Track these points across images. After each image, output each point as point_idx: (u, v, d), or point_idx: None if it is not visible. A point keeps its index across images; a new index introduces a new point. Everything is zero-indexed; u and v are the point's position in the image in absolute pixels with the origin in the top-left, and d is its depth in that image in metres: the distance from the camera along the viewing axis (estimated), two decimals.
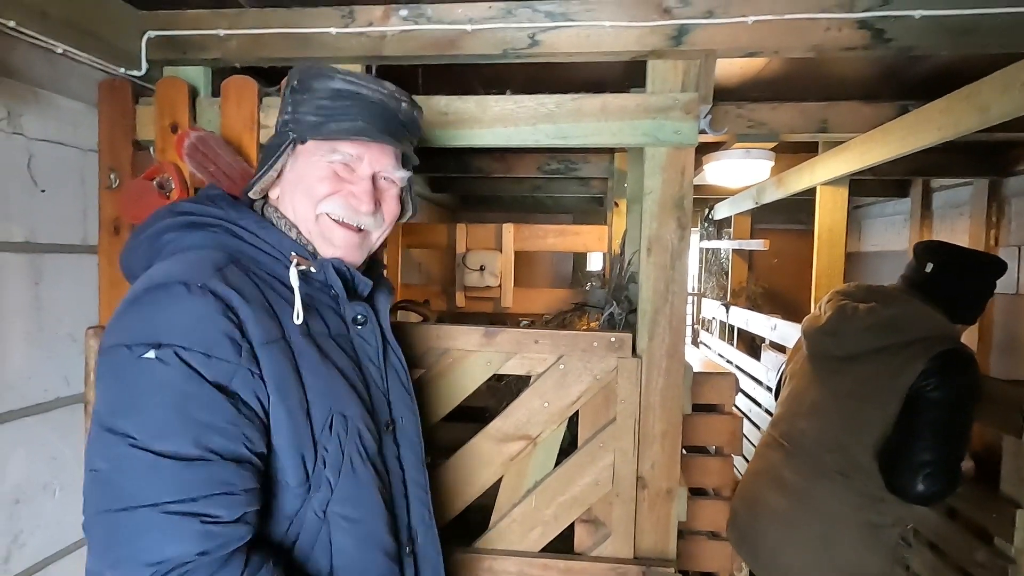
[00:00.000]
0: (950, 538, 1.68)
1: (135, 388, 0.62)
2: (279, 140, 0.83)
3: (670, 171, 1.22)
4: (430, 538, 0.90)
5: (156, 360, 0.62)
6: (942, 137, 1.57)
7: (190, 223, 0.76)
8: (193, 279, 0.66)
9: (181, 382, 0.62)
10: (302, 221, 0.82)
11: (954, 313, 1.39)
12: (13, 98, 1.08)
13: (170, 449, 0.60)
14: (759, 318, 3.35)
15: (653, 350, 1.24)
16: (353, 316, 0.82)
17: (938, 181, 3.28)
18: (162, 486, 0.59)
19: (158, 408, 0.61)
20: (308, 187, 0.81)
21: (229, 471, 0.63)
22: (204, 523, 0.60)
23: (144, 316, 0.66)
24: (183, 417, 0.61)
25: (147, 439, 0.60)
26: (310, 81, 0.81)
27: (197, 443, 0.61)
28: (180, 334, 0.64)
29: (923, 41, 1.15)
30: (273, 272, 0.77)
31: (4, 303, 1.07)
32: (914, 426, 1.27)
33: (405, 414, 0.88)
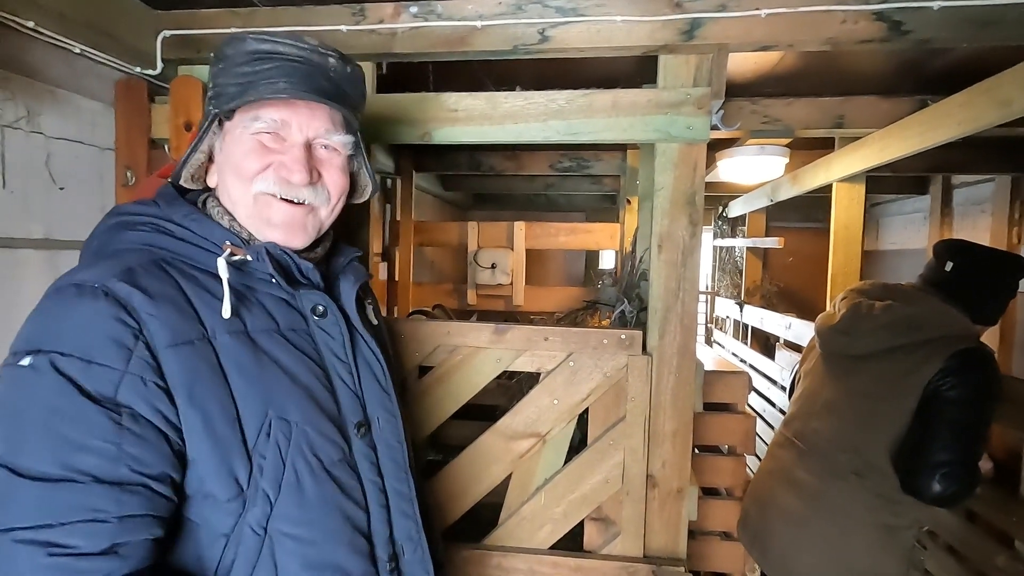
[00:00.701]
0: (969, 542, 1.65)
1: (5, 397, 0.57)
2: (204, 118, 0.76)
3: (682, 167, 1.21)
4: (418, 555, 0.79)
5: (29, 368, 0.57)
6: (962, 132, 1.53)
7: (121, 224, 0.71)
8: (89, 280, 0.61)
9: (51, 394, 0.56)
10: (239, 205, 0.74)
11: (975, 313, 1.36)
12: (32, 97, 1.10)
13: (29, 467, 0.53)
14: (773, 317, 3.31)
15: (664, 348, 1.23)
16: (311, 307, 0.74)
17: (959, 177, 3.21)
18: (14, 509, 0.52)
19: (23, 422, 0.55)
20: (236, 165, 0.73)
21: (101, 495, 0.54)
22: (53, 555, 0.51)
23: (34, 321, 0.61)
24: (50, 433, 0.55)
25: (8, 454, 0.54)
26: (225, 49, 0.74)
27: (62, 463, 0.54)
28: (60, 339, 0.58)
29: (942, 33, 1.12)
30: (206, 267, 0.69)
31: (24, 298, 1.10)
32: (931, 426, 1.25)
33: (382, 414, 0.78)
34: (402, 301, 2.92)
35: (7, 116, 1.06)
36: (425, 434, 1.32)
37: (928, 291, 1.41)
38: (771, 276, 4.63)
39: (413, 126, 1.26)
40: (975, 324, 1.35)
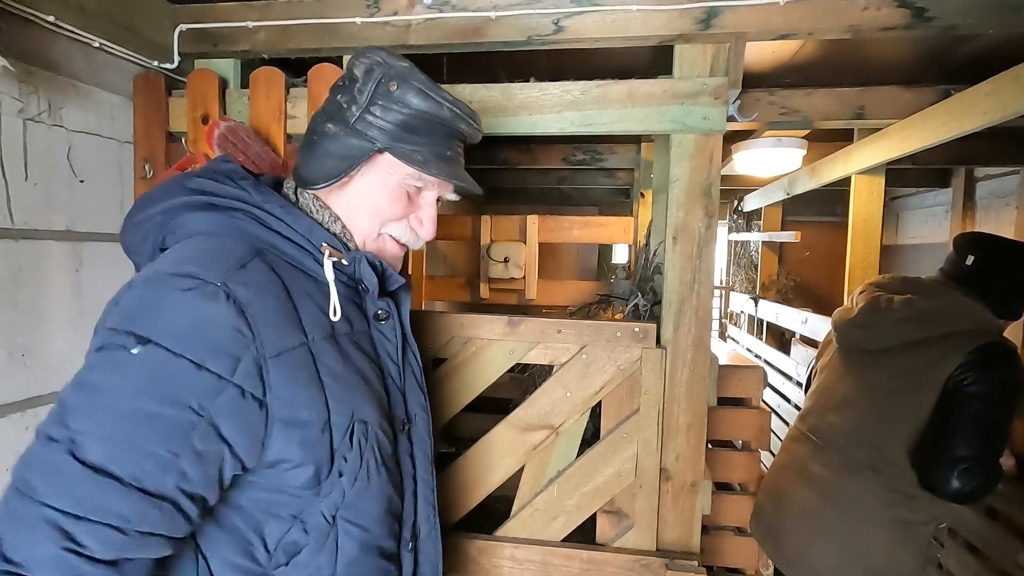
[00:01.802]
0: (990, 539, 1.63)
1: (101, 377, 0.57)
2: (358, 142, 0.75)
3: (698, 158, 1.20)
4: (432, 536, 0.88)
5: (135, 357, 0.57)
6: (988, 122, 1.49)
7: (208, 203, 0.70)
8: (211, 275, 0.61)
9: (142, 393, 0.56)
10: (359, 233, 0.79)
11: (998, 307, 1.33)
12: (53, 91, 1.12)
13: (85, 454, 0.54)
14: (789, 312, 3.27)
15: (678, 341, 1.22)
16: (375, 312, 0.79)
17: (982, 170, 3.13)
18: (57, 484, 0.53)
19: (103, 408, 0.56)
20: (379, 207, 0.78)
21: (132, 504, 0.55)
22: (64, 548, 0.52)
23: (145, 303, 0.60)
24: (123, 429, 0.55)
25: (76, 432, 0.55)
26: (411, 95, 0.75)
27: (116, 460, 0.55)
28: (174, 335, 0.58)
29: (968, 19, 1.09)
30: (301, 265, 0.71)
31: (47, 289, 1.12)
32: (951, 421, 1.22)
33: (419, 412, 0.86)
34: (415, 294, 2.93)
35: (30, 110, 1.07)
36: (438, 426, 1.32)
37: (949, 285, 1.38)
38: (787, 271, 4.57)
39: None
40: (998, 319, 1.33)
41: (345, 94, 0.76)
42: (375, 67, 0.75)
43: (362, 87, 0.75)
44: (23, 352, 1.08)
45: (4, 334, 1.04)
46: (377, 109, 0.75)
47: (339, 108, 0.76)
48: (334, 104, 0.78)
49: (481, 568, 1.28)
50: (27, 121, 1.07)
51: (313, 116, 0.81)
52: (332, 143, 0.75)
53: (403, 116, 0.75)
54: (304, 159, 0.78)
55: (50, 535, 0.52)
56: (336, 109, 0.77)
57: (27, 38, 1.06)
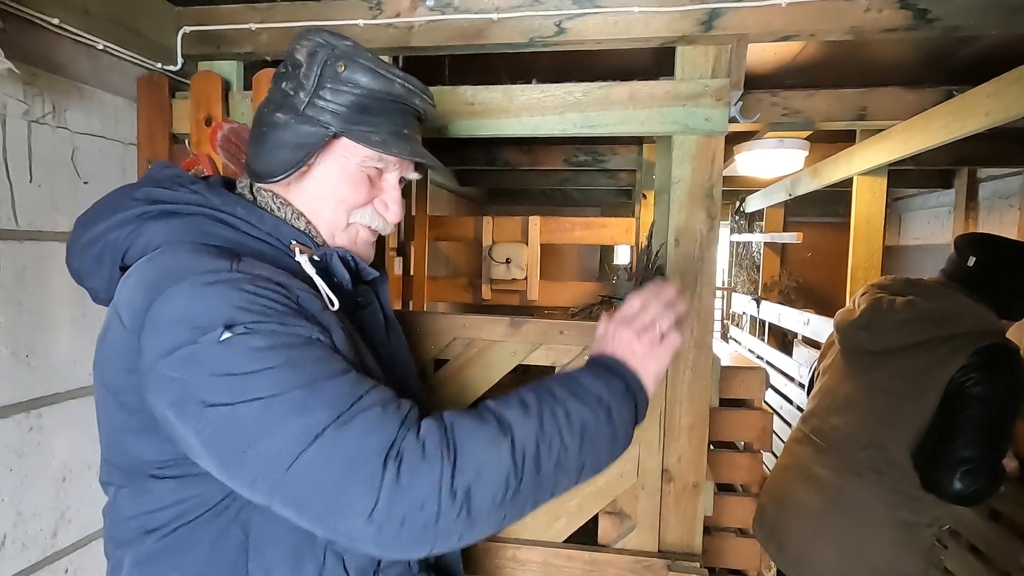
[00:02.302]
0: (993, 541, 1.62)
1: (234, 363, 0.56)
2: (312, 129, 0.72)
3: (699, 160, 1.20)
4: None
5: (235, 337, 0.56)
6: (990, 123, 1.49)
7: (166, 211, 0.67)
8: (221, 267, 0.60)
9: (278, 337, 0.57)
10: (327, 226, 0.77)
11: (1001, 308, 1.33)
12: (58, 93, 1.13)
13: (302, 379, 0.56)
14: (791, 313, 3.27)
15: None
16: (355, 300, 0.79)
17: (985, 171, 3.13)
18: (328, 399, 0.56)
19: (269, 367, 0.56)
20: (341, 194, 0.76)
21: (359, 378, 0.60)
22: (382, 405, 0.58)
23: (190, 302, 0.58)
24: (299, 361, 0.57)
25: (286, 388, 0.55)
26: (359, 73, 0.72)
27: (331, 372, 0.58)
28: (243, 313, 0.57)
29: (970, 21, 1.09)
30: (277, 262, 0.69)
31: (51, 290, 1.12)
32: (953, 422, 1.22)
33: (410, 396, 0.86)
34: (417, 295, 2.94)
35: (34, 112, 1.08)
36: None
37: (951, 286, 1.38)
38: (789, 272, 4.57)
39: (429, 120, 1.26)
40: (1001, 319, 1.32)
41: (290, 80, 0.73)
42: (318, 49, 0.72)
43: (307, 71, 0.72)
44: (27, 353, 1.08)
45: (8, 335, 1.05)
46: (326, 92, 0.72)
47: (286, 96, 0.73)
48: (279, 92, 0.74)
49: (484, 569, 1.28)
50: (32, 123, 1.08)
51: (259, 107, 0.77)
52: (283, 132, 0.72)
53: (355, 97, 0.72)
54: (256, 153, 0.75)
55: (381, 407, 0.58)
56: (283, 97, 0.73)
57: (32, 40, 1.07)
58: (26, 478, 1.08)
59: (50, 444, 1.13)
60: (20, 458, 1.07)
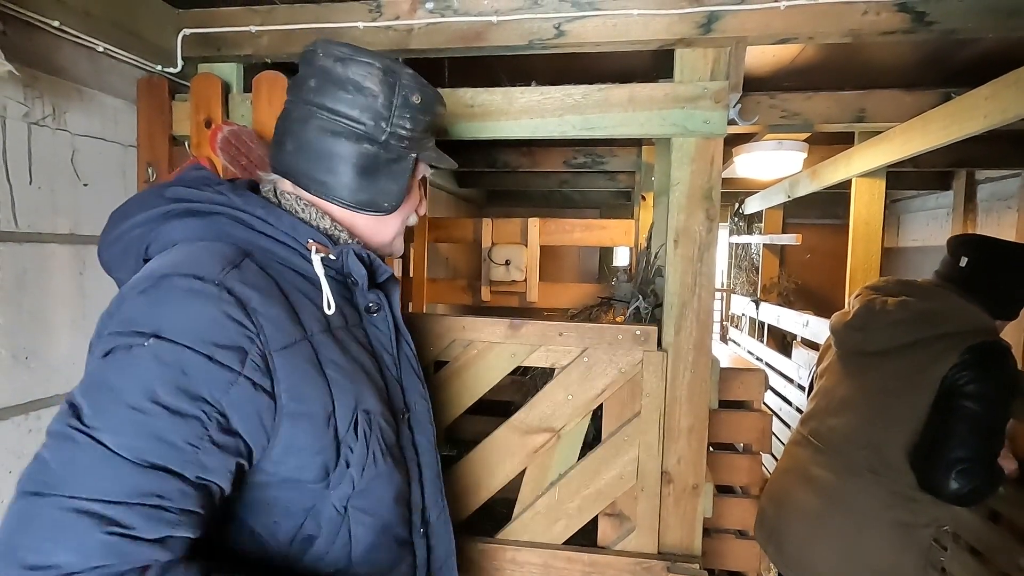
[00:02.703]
0: (992, 542, 1.62)
1: (111, 373, 0.57)
2: (398, 156, 0.81)
3: (699, 162, 1.20)
4: (443, 520, 0.90)
5: (146, 351, 0.56)
6: (988, 125, 1.50)
7: (189, 210, 0.70)
8: (209, 274, 0.61)
9: (157, 383, 0.56)
10: (391, 234, 0.86)
11: (993, 308, 1.34)
12: (58, 95, 1.13)
13: (113, 442, 0.53)
14: (790, 314, 3.27)
15: (679, 344, 1.22)
16: (366, 304, 0.80)
17: (983, 173, 3.14)
18: (87, 479, 0.52)
19: (123, 401, 0.55)
20: (407, 207, 0.87)
21: (169, 485, 0.54)
22: (110, 533, 0.50)
23: (146, 305, 0.60)
24: (142, 419, 0.55)
25: (98, 426, 0.54)
26: (433, 104, 0.84)
27: (142, 450, 0.54)
28: (185, 331, 0.58)
29: (967, 23, 1.10)
30: (290, 263, 0.72)
31: (51, 292, 1.12)
32: (947, 421, 1.23)
33: (418, 400, 0.87)
34: (416, 297, 2.94)
35: (34, 114, 1.08)
36: (440, 428, 1.33)
37: (944, 287, 1.39)
38: (788, 273, 4.57)
39: None
40: (995, 319, 1.33)
41: (364, 110, 0.77)
42: (389, 77, 0.78)
43: (386, 101, 0.78)
44: (27, 354, 1.08)
45: (8, 336, 1.05)
46: (405, 121, 0.80)
47: (360, 124, 0.77)
48: (349, 120, 0.77)
49: (483, 571, 1.28)
50: (32, 125, 1.08)
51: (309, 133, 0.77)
52: (373, 161, 0.80)
53: (424, 122, 0.82)
54: (337, 182, 0.78)
55: (90, 524, 0.50)
56: (357, 125, 0.77)
57: (32, 43, 1.07)
58: None
59: None
60: (19, 460, 1.07)
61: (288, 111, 0.80)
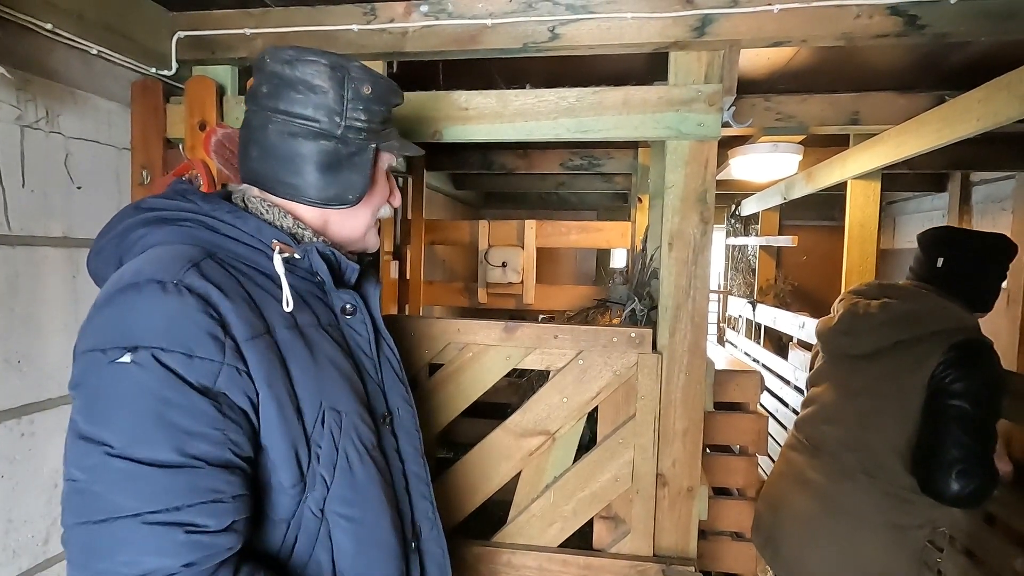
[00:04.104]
0: (987, 544, 1.62)
1: (111, 394, 0.58)
2: (358, 148, 0.80)
3: (693, 164, 1.20)
4: (434, 534, 0.87)
5: (132, 364, 0.58)
6: (981, 128, 1.50)
7: (158, 219, 0.72)
8: (167, 276, 0.62)
9: (160, 386, 0.58)
10: (363, 228, 0.85)
11: (971, 302, 1.36)
12: (51, 98, 1.13)
13: (150, 456, 0.56)
14: (787, 316, 3.28)
15: (674, 346, 1.22)
16: (342, 306, 0.79)
17: (978, 174, 3.15)
18: (142, 495, 0.55)
19: (136, 414, 0.57)
20: (376, 200, 0.85)
21: (216, 478, 0.59)
22: (189, 533, 0.56)
23: (117, 318, 0.61)
24: (164, 423, 0.58)
25: (125, 446, 0.56)
26: (377, 92, 0.81)
27: (179, 450, 0.57)
28: (157, 335, 0.59)
29: (960, 27, 1.10)
30: (255, 264, 0.72)
31: (44, 295, 1.12)
32: (938, 423, 1.23)
33: (401, 405, 0.85)
34: (413, 299, 2.94)
35: (28, 117, 1.08)
36: (435, 432, 1.33)
37: (922, 287, 1.41)
38: (785, 275, 4.58)
39: (424, 124, 1.27)
40: (973, 312, 1.35)
41: (317, 108, 0.77)
42: (335, 72, 0.77)
43: (336, 96, 0.77)
44: (19, 359, 1.08)
45: (0, 340, 1.04)
46: (359, 113, 0.79)
47: (315, 121, 0.77)
48: (304, 120, 0.77)
49: (478, 574, 1.27)
50: (25, 128, 1.07)
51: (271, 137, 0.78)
52: (335, 157, 0.79)
53: (377, 112, 0.81)
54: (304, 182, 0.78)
55: (166, 532, 0.55)
56: (315, 123, 0.77)
57: (25, 45, 1.07)
58: (17, 485, 1.07)
59: (42, 450, 1.12)
60: (12, 464, 1.06)
61: (247, 120, 0.80)
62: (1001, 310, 1.46)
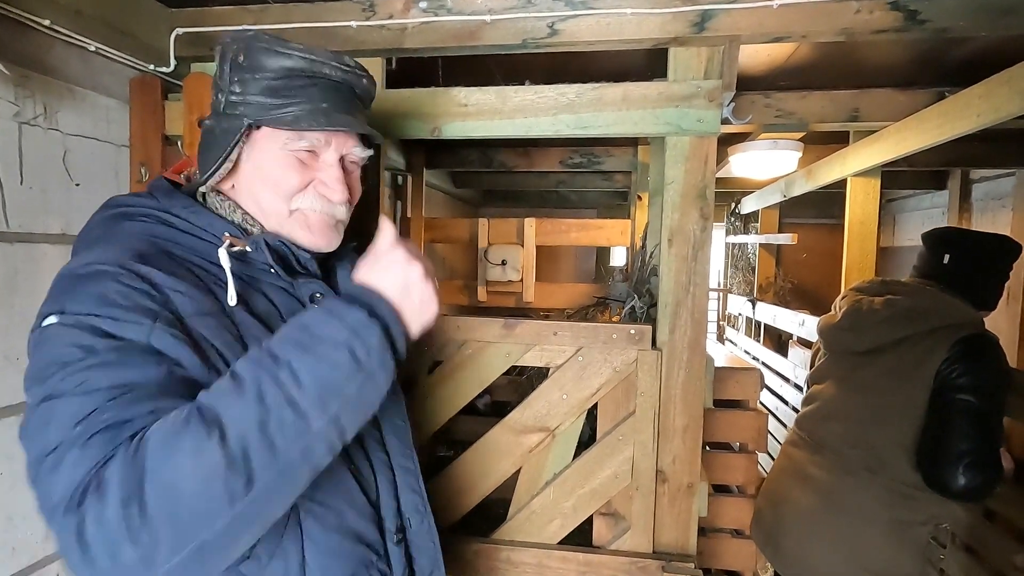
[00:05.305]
0: (987, 541, 1.62)
1: (43, 351, 0.58)
2: (229, 124, 0.74)
3: (692, 161, 1.20)
4: (425, 528, 0.85)
5: (58, 324, 0.58)
6: (981, 124, 1.50)
7: (120, 214, 0.72)
8: (107, 260, 0.62)
9: (85, 338, 0.57)
10: (272, 215, 0.77)
11: (976, 300, 1.36)
12: (50, 95, 1.12)
13: (74, 388, 0.55)
14: (786, 314, 3.28)
15: (674, 343, 1.22)
16: (310, 295, 0.77)
17: (978, 172, 3.15)
18: (71, 414, 0.54)
19: (61, 363, 0.56)
20: (275, 181, 0.75)
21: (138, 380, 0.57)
22: (108, 426, 0.53)
23: (53, 295, 0.62)
24: (90, 365, 0.56)
25: (49, 390, 0.55)
26: (259, 57, 0.73)
27: (111, 382, 0.55)
28: (87, 304, 0.59)
29: (960, 22, 1.10)
30: (210, 257, 0.71)
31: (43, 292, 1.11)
32: (945, 417, 1.23)
33: None
34: None
35: (26, 113, 1.07)
36: (435, 428, 1.32)
37: (926, 283, 1.41)
38: (784, 273, 4.58)
39: (423, 121, 1.27)
40: (977, 310, 1.35)
41: (214, 87, 0.78)
42: (225, 49, 0.76)
43: (220, 72, 0.76)
44: (18, 355, 1.07)
45: (0, 337, 1.04)
46: (236, 86, 0.74)
47: (213, 102, 0.78)
48: (212, 102, 0.79)
49: (478, 571, 1.27)
50: (23, 125, 1.07)
51: None
52: (210, 136, 0.77)
53: (264, 83, 0.73)
54: (201, 163, 0.79)
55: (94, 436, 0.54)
56: (212, 105, 0.79)
57: (23, 42, 1.06)
58: (17, 482, 1.07)
59: None
60: (11, 462, 1.06)
61: None
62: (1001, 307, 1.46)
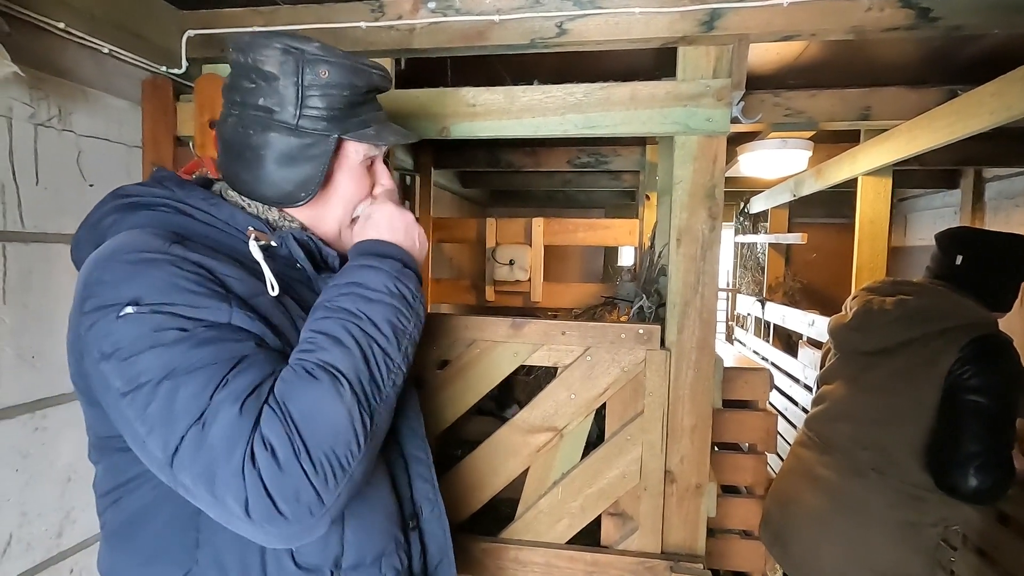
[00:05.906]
0: (1000, 543, 1.61)
1: (134, 339, 0.56)
2: (314, 140, 0.73)
3: (701, 160, 1.20)
4: (436, 515, 0.86)
5: (136, 314, 0.57)
6: (994, 122, 1.48)
7: (131, 204, 0.70)
8: (153, 248, 0.61)
9: (177, 321, 0.57)
10: (334, 223, 0.79)
11: (989, 301, 1.35)
12: (64, 97, 1.14)
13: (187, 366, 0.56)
14: (796, 314, 3.25)
15: (683, 343, 1.22)
16: None
17: (991, 170, 3.11)
18: (202, 384, 0.56)
19: (163, 346, 0.56)
20: (350, 194, 0.79)
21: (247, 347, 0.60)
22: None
23: (108, 282, 0.59)
24: (199, 341, 0.57)
25: (179, 368, 0.56)
26: (337, 76, 0.73)
27: (224, 356, 0.58)
28: (158, 293, 0.58)
29: (972, 20, 1.09)
30: (231, 250, 0.70)
31: (56, 291, 1.13)
32: (956, 418, 1.22)
33: None
34: None
35: (40, 115, 1.09)
36: (443, 428, 1.33)
37: (938, 284, 1.39)
38: (794, 273, 4.55)
39: (432, 121, 1.27)
40: (991, 312, 1.33)
41: (268, 96, 0.72)
42: (288, 58, 0.71)
43: (286, 82, 0.72)
44: (32, 354, 1.09)
45: (14, 336, 1.05)
46: (315, 100, 0.73)
47: (269, 112, 0.73)
48: (257, 109, 0.73)
49: (486, 570, 1.28)
50: (38, 126, 1.09)
51: (228, 131, 0.75)
52: (284, 152, 0.73)
53: (342, 97, 0.74)
54: (257, 178, 0.74)
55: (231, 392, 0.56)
56: (266, 114, 0.73)
57: (38, 44, 1.08)
58: (31, 478, 1.09)
59: (55, 444, 1.13)
60: (25, 458, 1.07)
61: (220, 116, 0.78)
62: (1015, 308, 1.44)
